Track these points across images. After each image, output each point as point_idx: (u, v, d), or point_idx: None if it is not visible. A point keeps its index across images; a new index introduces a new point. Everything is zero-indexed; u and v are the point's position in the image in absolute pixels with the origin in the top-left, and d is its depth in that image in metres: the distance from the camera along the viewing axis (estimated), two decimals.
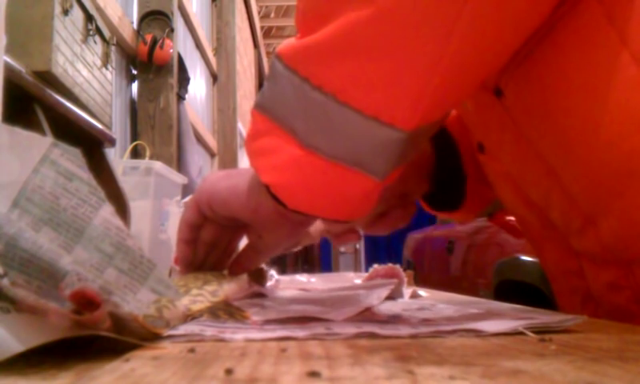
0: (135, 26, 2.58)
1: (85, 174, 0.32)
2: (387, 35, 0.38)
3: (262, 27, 7.95)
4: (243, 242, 0.56)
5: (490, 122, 0.54)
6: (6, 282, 0.29)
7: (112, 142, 1.49)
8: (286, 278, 0.83)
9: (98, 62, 1.50)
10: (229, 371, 0.24)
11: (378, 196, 0.44)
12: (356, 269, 7.49)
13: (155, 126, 2.59)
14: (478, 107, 0.55)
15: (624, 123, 0.42)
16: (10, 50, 1.00)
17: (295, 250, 0.74)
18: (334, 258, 8.02)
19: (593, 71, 0.43)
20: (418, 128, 0.40)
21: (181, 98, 2.92)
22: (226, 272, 0.55)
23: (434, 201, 0.69)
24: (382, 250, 9.06)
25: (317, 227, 0.59)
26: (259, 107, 0.44)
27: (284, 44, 0.42)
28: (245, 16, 6.22)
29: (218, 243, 0.54)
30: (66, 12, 1.25)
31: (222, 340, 0.33)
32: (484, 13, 0.37)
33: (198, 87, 4.01)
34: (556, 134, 0.47)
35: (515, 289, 2.65)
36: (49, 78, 1.20)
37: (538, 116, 0.48)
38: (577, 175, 0.47)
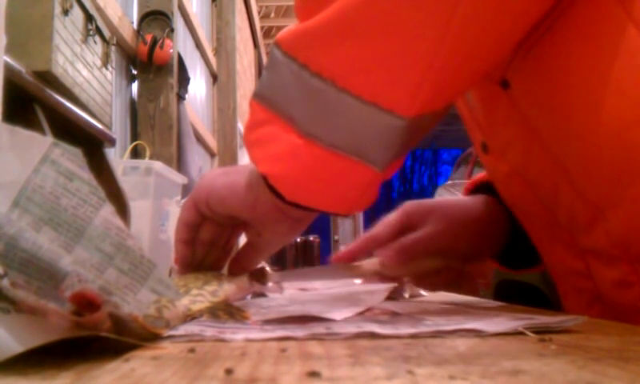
0: (135, 25, 2.58)
1: (85, 174, 0.32)
2: (386, 17, 0.37)
3: (262, 27, 7.95)
4: (242, 240, 0.56)
5: (496, 117, 0.53)
6: (6, 282, 0.29)
7: (112, 142, 1.49)
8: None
9: (98, 62, 1.50)
10: (229, 371, 0.24)
11: (377, 188, 0.43)
12: None
13: (155, 125, 2.59)
14: (484, 102, 0.54)
15: (634, 109, 0.42)
16: (10, 50, 1.00)
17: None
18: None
19: (602, 58, 0.43)
20: (418, 116, 0.40)
21: (181, 98, 2.92)
22: (225, 271, 0.54)
23: (509, 261, 0.67)
24: None
25: (370, 265, 0.58)
26: (258, 96, 0.43)
27: (283, 31, 0.42)
28: (245, 16, 6.21)
29: (216, 242, 0.53)
30: (66, 12, 1.25)
31: (222, 340, 0.33)
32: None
33: (198, 87, 4.01)
34: (564, 123, 0.46)
35: (515, 289, 2.64)
36: (49, 78, 1.19)
37: (546, 105, 0.47)
38: (585, 165, 0.46)
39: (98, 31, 1.48)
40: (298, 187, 0.42)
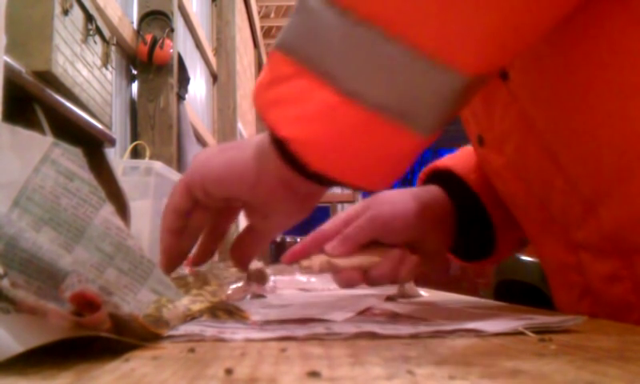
0: (135, 25, 2.58)
1: (85, 174, 0.32)
2: None
3: (261, 27, 7.95)
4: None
5: (494, 109, 0.53)
6: (6, 282, 0.29)
7: (112, 142, 1.49)
8: (285, 278, 0.83)
9: (98, 62, 1.50)
10: (229, 371, 0.24)
11: (413, 159, 0.39)
12: None
13: (155, 125, 2.59)
14: (482, 95, 0.53)
15: (632, 106, 0.42)
16: (10, 50, 1.00)
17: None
18: None
19: (602, 55, 0.43)
20: (479, 75, 0.35)
21: (181, 97, 2.92)
22: (222, 266, 0.54)
23: (461, 252, 0.66)
24: None
25: (319, 259, 0.55)
26: (283, 47, 0.37)
27: None
28: (245, 16, 6.22)
29: (204, 228, 0.49)
30: (66, 12, 1.25)
31: (221, 340, 0.33)
32: None
33: (198, 87, 4.01)
34: (561, 117, 0.46)
35: (515, 289, 2.65)
36: (49, 78, 1.20)
37: (544, 99, 0.47)
38: (580, 160, 0.46)
39: (98, 31, 1.48)
40: (328, 154, 0.37)
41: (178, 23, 3.03)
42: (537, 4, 0.36)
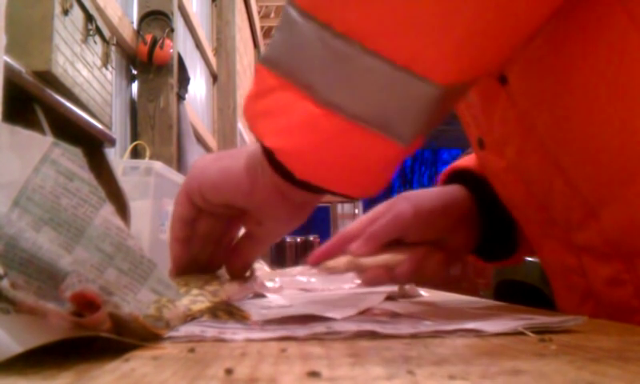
0: (135, 26, 2.58)
1: (85, 174, 0.32)
2: None
3: (261, 27, 7.95)
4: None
5: (494, 113, 0.53)
6: (5, 283, 0.29)
7: (112, 142, 1.49)
8: (285, 279, 0.83)
9: (98, 62, 1.50)
10: (229, 371, 0.24)
11: (396, 168, 0.40)
12: None
13: (155, 125, 2.59)
14: (482, 97, 0.53)
15: (633, 110, 0.42)
16: (10, 50, 1.00)
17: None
18: None
19: (603, 59, 0.42)
20: (453, 85, 0.36)
21: (181, 98, 2.92)
22: (223, 269, 0.53)
23: (482, 253, 0.65)
24: None
25: (345, 259, 0.55)
26: (267, 61, 0.38)
27: None
28: (245, 16, 6.22)
29: (213, 236, 0.50)
30: (66, 12, 1.25)
31: (222, 340, 0.33)
32: None
33: (198, 87, 4.01)
34: (562, 121, 0.46)
35: (515, 289, 2.64)
36: (49, 78, 1.20)
37: (544, 103, 0.47)
38: (581, 164, 0.46)
39: (98, 31, 1.48)
40: (311, 163, 0.38)
41: (178, 23, 3.04)
42: (506, 16, 0.36)
